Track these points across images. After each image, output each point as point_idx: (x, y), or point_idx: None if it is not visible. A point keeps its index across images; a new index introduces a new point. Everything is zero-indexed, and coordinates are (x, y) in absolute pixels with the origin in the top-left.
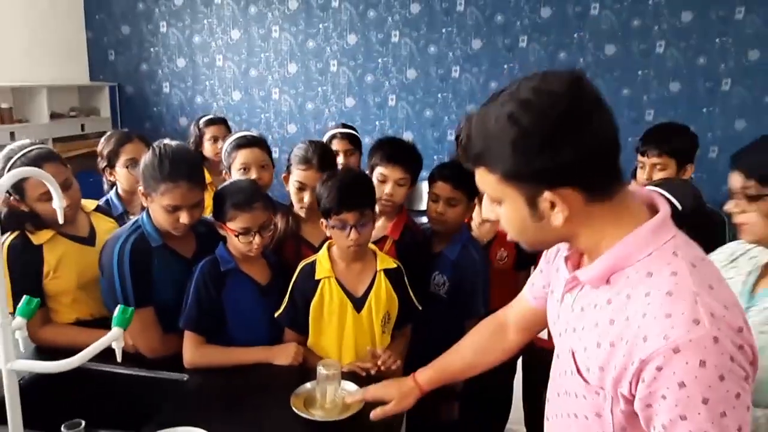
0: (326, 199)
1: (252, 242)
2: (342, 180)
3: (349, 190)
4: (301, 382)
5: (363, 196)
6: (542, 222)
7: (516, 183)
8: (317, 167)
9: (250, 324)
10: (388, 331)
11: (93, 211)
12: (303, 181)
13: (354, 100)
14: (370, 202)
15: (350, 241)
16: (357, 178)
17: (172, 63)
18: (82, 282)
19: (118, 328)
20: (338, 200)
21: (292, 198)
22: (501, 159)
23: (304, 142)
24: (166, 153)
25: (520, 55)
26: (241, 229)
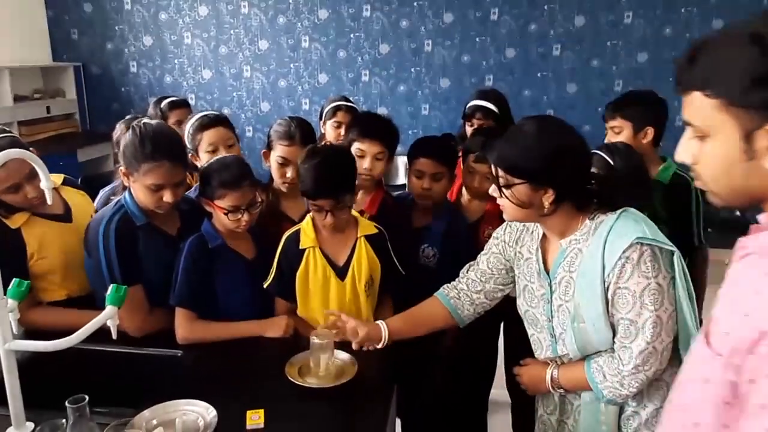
0: (304, 182)
1: (240, 219)
2: (320, 164)
3: (327, 177)
4: (293, 353)
5: (340, 184)
6: (750, 163)
7: (737, 111)
8: (300, 142)
9: (240, 299)
10: (373, 295)
11: (62, 185)
12: (286, 156)
13: (327, 77)
14: (348, 188)
15: (326, 223)
16: (337, 161)
17: (138, 41)
18: (68, 259)
19: (112, 306)
20: (314, 187)
21: (273, 174)
22: (729, 82)
23: (284, 119)
24: (147, 132)
25: (492, 27)
26: (230, 207)
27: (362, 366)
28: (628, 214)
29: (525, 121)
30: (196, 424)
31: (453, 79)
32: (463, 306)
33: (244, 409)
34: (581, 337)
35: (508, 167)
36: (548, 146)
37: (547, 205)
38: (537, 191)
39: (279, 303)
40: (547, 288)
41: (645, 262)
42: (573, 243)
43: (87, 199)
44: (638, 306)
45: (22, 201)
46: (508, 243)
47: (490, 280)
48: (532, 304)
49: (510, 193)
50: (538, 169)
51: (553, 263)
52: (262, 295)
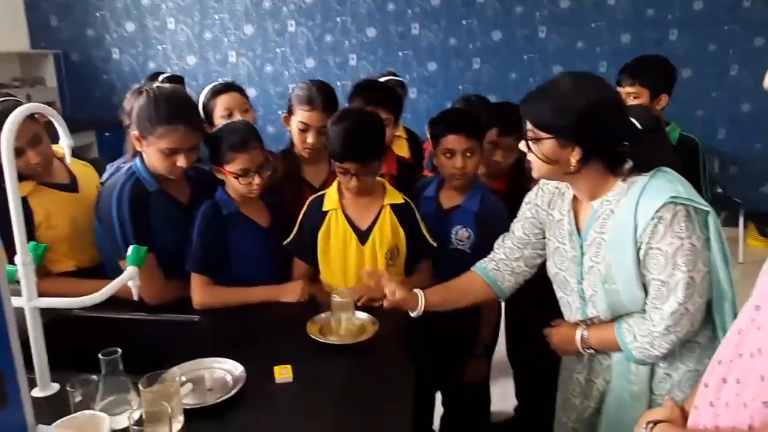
0: (332, 144)
1: (252, 183)
2: (350, 128)
3: (356, 140)
4: (312, 315)
5: (368, 147)
6: None
7: None
8: (321, 107)
9: (254, 265)
10: (398, 265)
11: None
12: (306, 121)
13: (314, 61)
14: (375, 153)
15: (350, 187)
16: (367, 125)
17: (120, 27)
18: (76, 229)
19: (133, 267)
20: (342, 149)
21: (294, 139)
22: None
23: (305, 83)
24: (162, 95)
25: (478, 10)
26: (239, 170)
27: (382, 325)
28: (663, 173)
29: (562, 76)
30: (224, 380)
31: (440, 62)
32: (503, 277)
33: (269, 366)
34: (612, 298)
35: (537, 122)
36: (579, 103)
37: (574, 163)
38: (564, 148)
39: (297, 264)
40: (578, 250)
41: (678, 222)
42: (605, 204)
43: (92, 170)
44: (670, 267)
45: (24, 167)
46: (540, 206)
47: (528, 246)
48: (563, 266)
49: (537, 148)
50: (566, 125)
51: (585, 225)
52: (276, 263)
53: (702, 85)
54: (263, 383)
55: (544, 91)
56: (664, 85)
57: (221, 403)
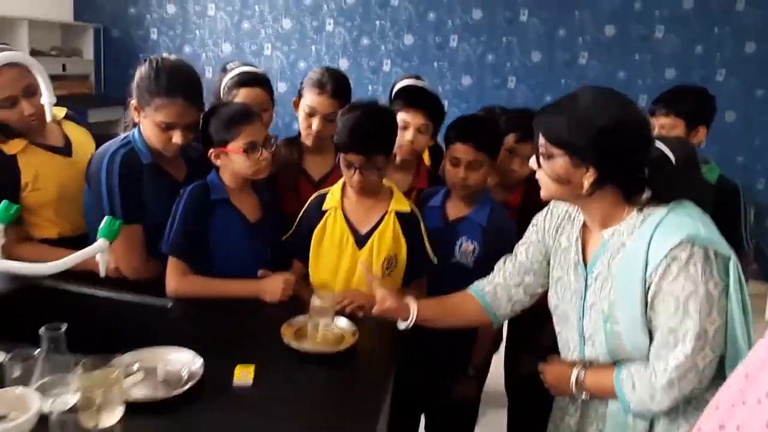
0: (338, 134)
1: (260, 158)
2: (358, 118)
3: (362, 131)
4: (292, 315)
5: (374, 140)
6: None
7: None
8: (330, 93)
9: (236, 259)
10: (395, 277)
11: (64, 119)
12: (314, 105)
13: (348, 62)
14: (382, 147)
15: (353, 182)
16: (376, 117)
17: (161, 8)
18: (64, 194)
19: (103, 239)
20: (347, 138)
21: (300, 124)
22: None
23: (320, 67)
24: (164, 66)
25: (520, 29)
26: (247, 144)
27: (363, 337)
28: (682, 208)
29: (582, 90)
30: (179, 373)
31: (475, 77)
32: (499, 303)
33: (232, 363)
34: (613, 340)
35: (551, 136)
36: (599, 120)
37: (587, 186)
38: (577, 168)
39: (295, 265)
40: (582, 282)
41: (695, 264)
42: (616, 235)
43: (89, 135)
44: (681, 313)
45: (18, 119)
46: (547, 231)
47: (530, 273)
48: (564, 298)
49: (548, 165)
50: (582, 142)
51: (592, 256)
52: (259, 260)
53: (745, 131)
54: (220, 382)
55: (562, 103)
56: (701, 116)
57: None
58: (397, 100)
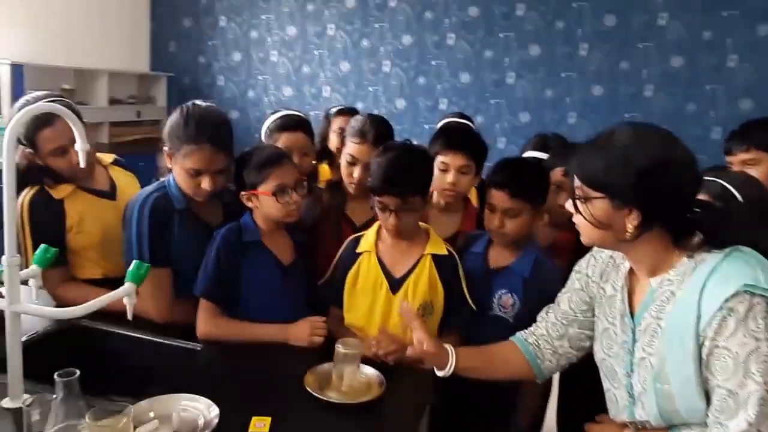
0: (372, 176)
1: (290, 201)
2: (392, 159)
3: (395, 172)
4: (321, 361)
5: (409, 182)
6: None
7: None
8: (372, 142)
9: (267, 302)
10: (432, 324)
11: (111, 165)
12: (355, 155)
13: (405, 102)
14: (417, 189)
15: (389, 225)
16: (411, 158)
17: (228, 56)
18: (107, 236)
19: (130, 283)
20: (381, 181)
21: (342, 171)
22: None
23: (363, 115)
24: (193, 113)
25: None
26: (276, 186)
27: (392, 387)
28: (741, 253)
29: (619, 126)
30: (195, 422)
31: (473, 74)
32: (543, 355)
33: (251, 413)
34: (664, 401)
35: (587, 177)
36: (641, 158)
37: (631, 230)
38: (619, 210)
39: (331, 310)
40: (630, 335)
41: (755, 317)
42: (665, 284)
43: (134, 180)
44: (741, 374)
45: (67, 166)
46: (591, 278)
47: (574, 324)
48: (611, 352)
49: (585, 209)
50: (624, 183)
51: (640, 306)
52: (291, 304)
53: None
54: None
55: (597, 142)
56: None
57: None
58: (436, 141)
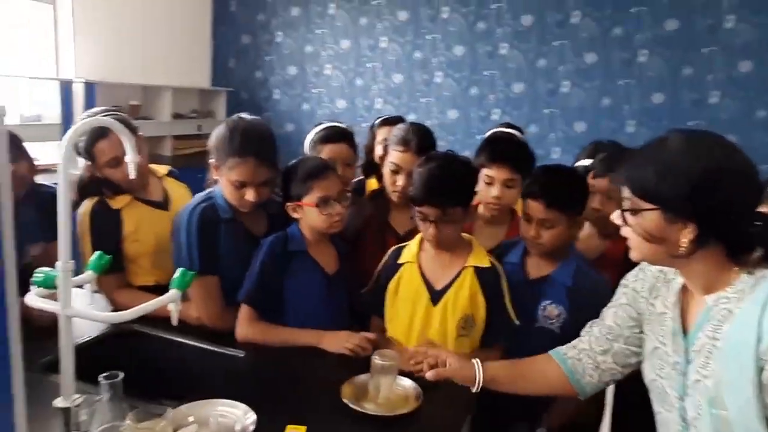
0: (413, 186)
1: (333, 213)
2: (433, 170)
3: (436, 182)
4: (359, 372)
5: (450, 193)
6: None
7: None
8: (415, 150)
9: (311, 310)
10: (473, 338)
11: (165, 176)
12: (399, 163)
13: (457, 113)
14: (458, 200)
15: (428, 235)
16: (452, 169)
17: (283, 71)
18: (160, 245)
19: (175, 290)
20: (422, 191)
21: (385, 180)
22: None
23: (405, 123)
24: (238, 126)
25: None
26: (319, 198)
27: (428, 400)
28: None
29: (671, 133)
30: (231, 427)
31: (527, 83)
32: (584, 371)
33: (287, 421)
34: (721, 428)
35: (638, 188)
36: (697, 168)
37: (686, 244)
38: (673, 224)
39: (372, 320)
40: (683, 355)
41: None
42: (722, 301)
43: (187, 191)
44: None
45: (121, 177)
46: (639, 293)
47: (619, 339)
48: (662, 372)
49: (636, 222)
50: (678, 194)
51: (694, 325)
52: (334, 313)
53: None
54: None
55: (649, 150)
56: None
57: None
58: (481, 154)
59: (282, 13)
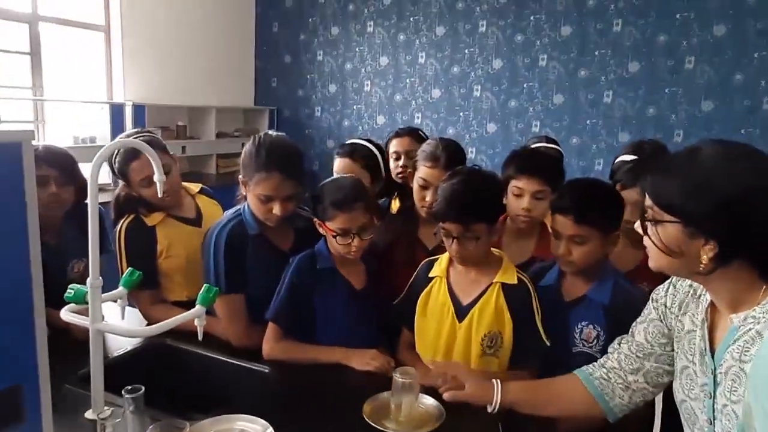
0: (436, 202)
1: (351, 244)
2: (456, 185)
3: (459, 198)
4: (384, 389)
5: (472, 209)
6: None
7: None
8: (443, 165)
9: (338, 327)
10: (501, 357)
11: (198, 194)
12: (427, 179)
13: (496, 126)
14: (481, 216)
15: (452, 251)
16: (476, 185)
17: (324, 89)
18: (192, 262)
19: (200, 306)
20: (444, 207)
21: (414, 195)
22: None
23: (434, 139)
24: (264, 143)
25: (615, 38)
26: (339, 229)
27: (450, 419)
28: None
29: (703, 144)
30: None
31: (567, 94)
32: (613, 391)
33: None
34: None
35: (660, 197)
36: (723, 185)
37: (705, 261)
38: (693, 239)
39: (403, 333)
40: (711, 377)
41: None
42: (749, 321)
43: (218, 208)
44: None
45: (154, 195)
46: (670, 308)
47: (650, 357)
48: (691, 394)
49: (655, 232)
50: (701, 210)
51: (721, 344)
52: (363, 329)
53: None
54: None
55: (678, 160)
56: None
57: None
58: (509, 165)
59: (322, 32)
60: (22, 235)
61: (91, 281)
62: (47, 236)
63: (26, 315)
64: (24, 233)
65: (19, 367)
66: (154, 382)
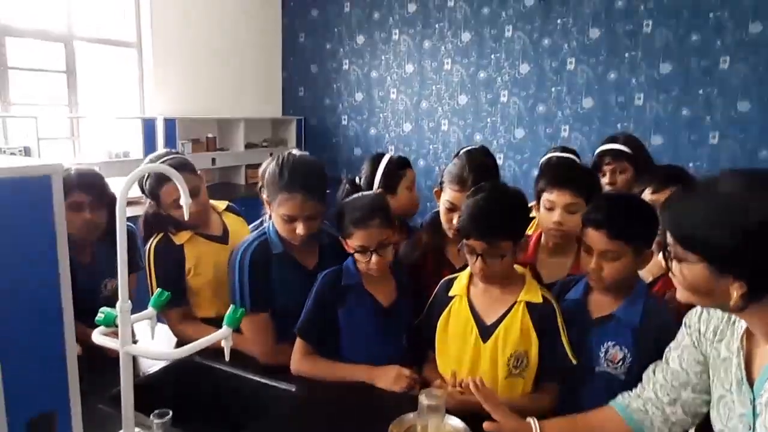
0: (460, 218)
1: (370, 261)
2: (479, 202)
3: (483, 215)
4: (411, 409)
5: (497, 226)
6: None
7: None
8: (470, 188)
9: (364, 342)
10: (527, 378)
11: (224, 211)
12: (454, 202)
13: (524, 131)
14: (505, 234)
15: (476, 269)
16: (501, 201)
17: (351, 97)
18: (220, 278)
19: (227, 327)
20: (468, 224)
21: (441, 216)
22: None
23: (461, 158)
24: (287, 163)
25: (644, 41)
26: (358, 246)
27: None
28: None
29: (726, 176)
30: None
31: (597, 98)
32: (652, 423)
33: None
34: None
35: (680, 234)
36: (749, 219)
37: (735, 298)
38: (720, 278)
39: (430, 355)
40: (749, 407)
41: None
42: None
43: (244, 225)
44: None
45: (183, 215)
46: (704, 334)
47: (687, 387)
48: (730, 424)
49: (679, 270)
50: (724, 248)
51: (760, 374)
52: (390, 345)
53: None
54: None
55: (696, 193)
56: None
57: None
58: (541, 178)
59: (348, 41)
60: (52, 266)
61: (120, 305)
62: (81, 256)
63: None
64: (54, 264)
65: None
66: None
